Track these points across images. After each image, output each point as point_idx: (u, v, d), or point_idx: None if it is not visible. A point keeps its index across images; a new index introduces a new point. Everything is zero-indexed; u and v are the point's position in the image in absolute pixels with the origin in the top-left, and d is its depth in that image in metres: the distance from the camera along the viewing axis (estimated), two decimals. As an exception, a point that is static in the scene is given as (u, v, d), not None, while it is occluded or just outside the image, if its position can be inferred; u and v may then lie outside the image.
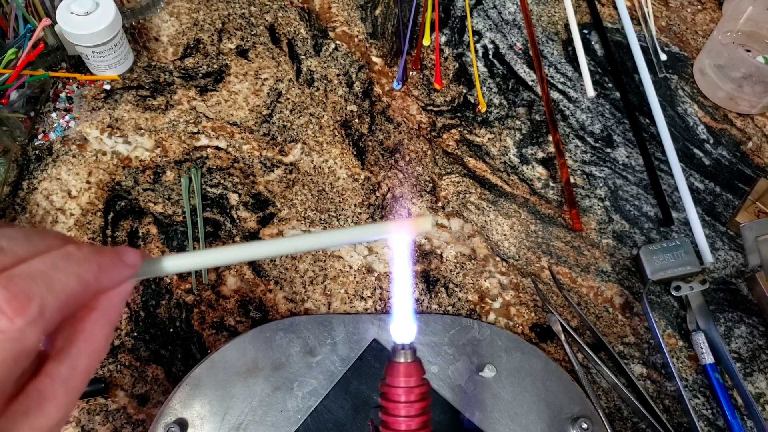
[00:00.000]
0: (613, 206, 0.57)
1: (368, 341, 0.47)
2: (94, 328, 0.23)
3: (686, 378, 0.49)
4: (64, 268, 0.20)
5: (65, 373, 0.21)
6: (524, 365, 0.46)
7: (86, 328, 0.22)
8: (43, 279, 0.19)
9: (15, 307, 0.18)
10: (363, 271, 0.52)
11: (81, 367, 0.22)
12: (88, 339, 0.22)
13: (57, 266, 0.20)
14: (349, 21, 0.68)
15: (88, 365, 0.22)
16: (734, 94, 0.61)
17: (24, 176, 0.56)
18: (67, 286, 0.20)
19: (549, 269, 0.53)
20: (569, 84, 0.64)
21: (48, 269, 0.20)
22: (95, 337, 0.23)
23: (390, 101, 0.62)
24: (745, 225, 0.49)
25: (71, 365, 0.22)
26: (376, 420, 0.34)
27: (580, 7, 0.70)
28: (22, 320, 0.18)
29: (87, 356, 0.22)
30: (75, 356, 0.22)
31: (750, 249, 0.49)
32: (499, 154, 0.59)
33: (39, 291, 0.19)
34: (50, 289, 0.19)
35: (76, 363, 0.22)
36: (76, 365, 0.22)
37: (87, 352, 0.22)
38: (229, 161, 0.57)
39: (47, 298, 0.19)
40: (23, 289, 0.19)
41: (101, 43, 0.57)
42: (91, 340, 0.22)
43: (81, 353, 0.22)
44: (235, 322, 0.50)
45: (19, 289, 0.19)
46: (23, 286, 0.19)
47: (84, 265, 0.21)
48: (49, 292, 0.19)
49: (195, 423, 0.43)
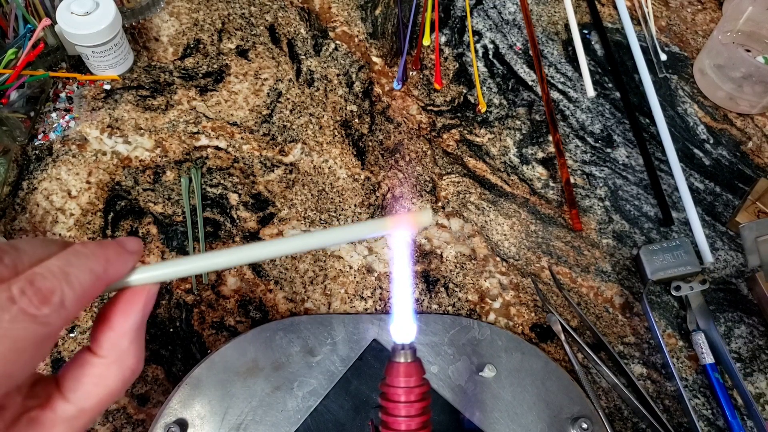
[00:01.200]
0: (613, 206, 0.57)
1: (368, 341, 0.47)
2: (104, 371, 0.24)
3: (686, 378, 0.49)
4: (77, 264, 0.23)
5: (70, 413, 0.23)
6: (524, 365, 0.46)
7: (95, 372, 0.24)
8: (61, 274, 0.22)
9: (41, 298, 0.21)
10: (363, 271, 0.52)
11: (88, 410, 0.24)
12: (98, 383, 0.24)
13: (71, 263, 0.23)
14: (349, 21, 0.68)
15: (95, 408, 0.24)
16: (734, 94, 0.61)
17: (24, 176, 0.56)
18: (82, 279, 0.23)
19: (549, 269, 0.53)
20: (569, 84, 0.64)
21: (64, 266, 0.23)
22: (107, 381, 0.24)
23: (390, 101, 0.62)
24: (745, 225, 0.49)
25: (78, 407, 0.23)
26: (376, 420, 0.34)
27: (580, 7, 0.70)
28: (47, 309, 0.21)
29: (96, 399, 0.24)
30: (83, 399, 0.24)
31: (750, 249, 0.49)
32: (499, 154, 0.59)
33: (59, 285, 0.22)
34: (68, 282, 0.22)
35: (83, 405, 0.24)
36: (83, 408, 0.24)
37: (96, 396, 0.24)
38: (229, 161, 0.57)
39: (66, 290, 0.22)
40: (46, 285, 0.22)
41: (101, 43, 0.57)
42: (102, 384, 0.24)
43: (90, 396, 0.24)
44: (235, 322, 0.50)
45: (42, 284, 0.22)
46: (46, 282, 0.22)
47: (92, 259, 0.24)
48: (67, 285, 0.22)
49: (195, 423, 0.43)
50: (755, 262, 0.49)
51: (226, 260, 0.27)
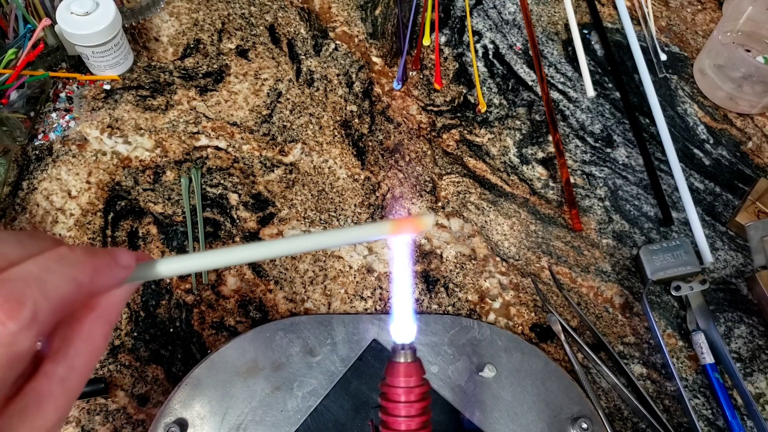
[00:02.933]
0: (613, 206, 0.57)
1: (368, 341, 0.47)
2: (92, 328, 0.22)
3: (686, 378, 0.49)
4: (58, 271, 0.20)
5: (62, 374, 0.21)
6: (524, 365, 0.46)
7: (84, 329, 0.22)
8: (35, 282, 0.19)
9: (7, 311, 0.18)
10: (363, 271, 0.52)
11: (79, 368, 0.22)
12: (86, 339, 0.22)
13: (50, 268, 0.20)
14: (349, 21, 0.68)
15: (86, 365, 0.22)
16: (734, 94, 0.61)
17: (24, 176, 0.56)
18: (60, 289, 0.20)
19: (549, 269, 0.53)
20: (569, 84, 0.64)
21: (41, 272, 0.19)
22: (93, 337, 0.22)
23: (390, 101, 0.62)
24: (751, 225, 0.49)
25: (69, 366, 0.21)
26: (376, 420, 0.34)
27: (580, 7, 0.70)
28: (14, 324, 0.18)
29: (85, 356, 0.22)
30: (72, 357, 0.22)
31: (756, 249, 0.49)
32: (499, 154, 0.59)
33: (32, 294, 0.19)
34: (43, 292, 0.19)
35: (73, 363, 0.22)
36: (73, 365, 0.22)
37: (85, 352, 0.22)
38: (229, 161, 0.57)
39: (40, 301, 0.19)
40: (15, 293, 0.18)
41: (101, 43, 0.57)
42: (89, 340, 0.22)
43: (79, 353, 0.22)
44: (235, 322, 0.50)
45: (10, 293, 0.18)
46: (15, 289, 0.18)
47: (77, 267, 0.21)
48: (42, 295, 0.19)
49: (195, 423, 0.43)
50: (761, 261, 0.49)
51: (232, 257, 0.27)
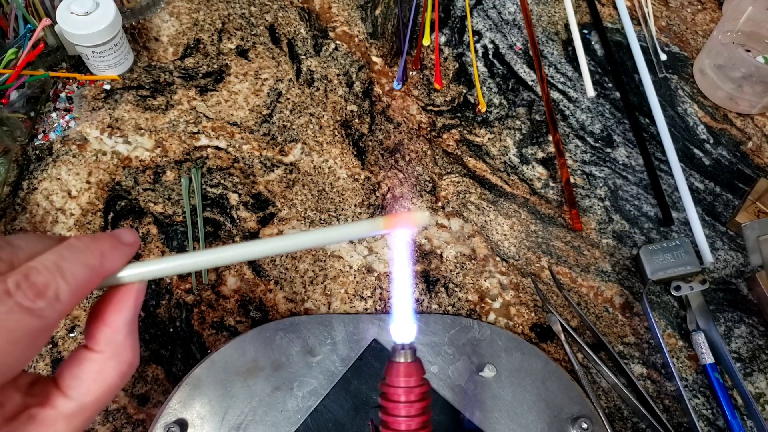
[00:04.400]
0: (613, 206, 0.57)
1: (368, 341, 0.47)
2: (104, 368, 0.24)
3: (686, 378, 0.49)
4: (71, 258, 0.23)
5: (70, 410, 0.23)
6: (524, 365, 0.46)
7: (95, 369, 0.24)
8: (55, 269, 0.23)
9: (36, 292, 0.22)
10: (363, 271, 0.52)
11: (88, 406, 0.24)
12: (98, 379, 0.24)
13: (65, 257, 0.23)
14: (349, 21, 0.68)
15: (95, 404, 0.24)
16: (734, 94, 0.61)
17: (24, 176, 0.56)
18: (76, 272, 0.23)
19: (549, 269, 0.53)
20: (569, 84, 0.64)
21: (58, 260, 0.23)
22: (105, 377, 0.24)
23: (390, 101, 0.62)
24: (747, 225, 0.49)
25: (79, 404, 0.24)
26: (376, 420, 0.34)
27: (580, 7, 0.70)
28: (42, 302, 0.22)
29: (95, 395, 0.24)
30: (83, 395, 0.24)
31: (752, 249, 0.49)
32: (499, 154, 0.59)
33: (54, 279, 0.22)
34: (62, 276, 0.23)
35: (83, 402, 0.24)
36: (83, 404, 0.24)
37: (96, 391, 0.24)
38: (229, 161, 0.57)
39: (61, 284, 0.22)
40: (41, 279, 0.22)
41: (101, 43, 0.57)
42: (101, 380, 0.24)
43: (90, 392, 0.24)
44: (235, 322, 0.50)
45: (37, 278, 0.22)
46: (40, 276, 0.22)
47: (87, 253, 0.24)
48: (62, 279, 0.23)
49: (195, 423, 0.43)
50: (757, 261, 0.49)
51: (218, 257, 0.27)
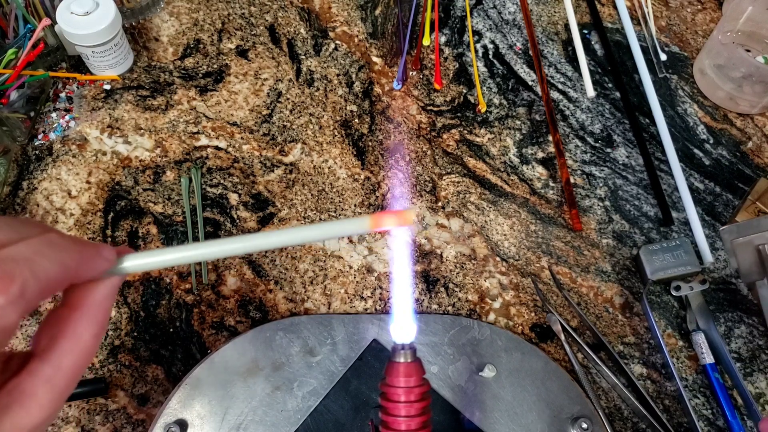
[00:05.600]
0: (613, 206, 0.57)
1: (368, 341, 0.47)
2: (78, 327, 0.23)
3: (686, 378, 0.49)
4: (47, 254, 0.21)
5: (49, 373, 0.22)
6: (524, 365, 0.46)
7: (70, 328, 0.23)
8: (26, 262, 0.20)
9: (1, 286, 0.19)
10: (363, 271, 0.52)
11: (66, 367, 0.22)
12: (73, 338, 0.23)
13: (40, 251, 0.21)
14: (349, 21, 0.68)
15: (73, 365, 0.23)
16: (734, 94, 0.61)
17: (24, 176, 0.56)
18: (49, 270, 0.21)
19: (549, 269, 0.53)
20: (569, 84, 0.64)
21: (31, 253, 0.21)
22: (81, 336, 0.23)
23: (390, 101, 0.62)
24: (725, 229, 0.49)
25: (55, 365, 0.22)
26: (376, 420, 0.34)
27: (580, 7, 0.70)
28: (3, 298, 0.19)
29: (72, 356, 0.23)
30: (59, 356, 0.22)
31: (729, 252, 0.49)
32: (499, 154, 0.59)
33: (22, 273, 0.20)
34: (33, 272, 0.20)
35: (60, 363, 0.22)
36: (60, 365, 0.22)
37: (72, 352, 0.23)
38: (229, 161, 0.57)
39: (29, 280, 0.20)
40: (6, 271, 0.20)
41: (101, 43, 0.57)
42: (77, 339, 0.23)
43: (66, 353, 0.22)
44: (235, 322, 0.50)
45: (2, 270, 0.19)
46: (7, 267, 0.20)
47: (66, 252, 0.22)
48: (31, 274, 0.20)
49: (195, 423, 0.43)
50: (734, 264, 0.49)
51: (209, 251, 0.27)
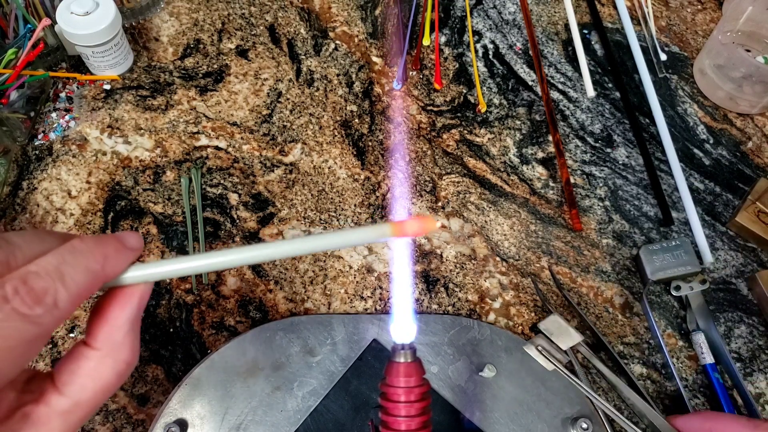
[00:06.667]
0: (613, 206, 0.57)
1: (368, 341, 0.47)
2: (99, 366, 0.24)
3: (686, 378, 0.49)
4: (72, 262, 0.23)
5: (65, 407, 0.23)
6: (524, 365, 0.46)
7: (91, 366, 0.24)
8: (55, 273, 0.22)
9: (33, 298, 0.21)
10: (363, 271, 0.52)
11: (83, 404, 0.23)
12: (93, 376, 0.24)
13: (66, 260, 0.22)
14: (349, 21, 0.68)
15: (91, 402, 0.24)
16: (734, 94, 0.61)
17: (24, 176, 0.56)
18: (76, 278, 0.22)
19: (549, 269, 0.53)
20: (569, 84, 0.64)
21: (59, 264, 0.22)
22: (101, 375, 0.24)
23: (390, 101, 0.62)
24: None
25: (73, 401, 0.23)
26: (376, 420, 0.34)
27: (580, 7, 0.70)
28: (40, 309, 0.21)
29: (91, 393, 0.24)
30: (78, 392, 0.23)
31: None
32: (499, 154, 0.59)
33: (53, 285, 0.22)
34: (62, 282, 0.22)
35: (79, 399, 0.23)
36: (78, 401, 0.23)
37: (92, 389, 0.24)
38: (229, 161, 0.57)
39: (60, 290, 0.22)
40: (40, 284, 0.21)
41: (101, 43, 0.57)
42: (97, 378, 0.24)
43: (85, 390, 0.23)
44: (235, 322, 0.50)
45: (35, 283, 0.21)
46: (39, 281, 0.21)
47: (89, 257, 0.23)
48: (61, 284, 0.22)
49: (195, 423, 0.43)
50: None
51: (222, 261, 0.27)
